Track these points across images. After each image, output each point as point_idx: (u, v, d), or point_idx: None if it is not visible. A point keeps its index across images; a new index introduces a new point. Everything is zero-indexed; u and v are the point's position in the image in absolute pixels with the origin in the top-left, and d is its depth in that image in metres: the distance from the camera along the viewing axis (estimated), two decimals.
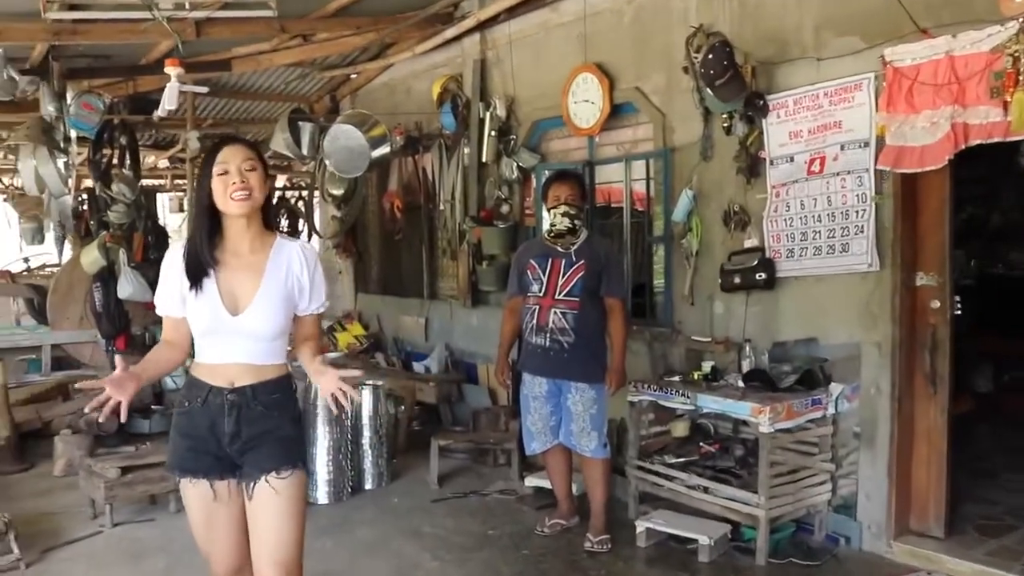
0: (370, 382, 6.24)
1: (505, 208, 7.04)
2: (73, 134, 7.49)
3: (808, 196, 4.81)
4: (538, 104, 6.76)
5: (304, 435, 3.20)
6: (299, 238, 3.59)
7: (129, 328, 8.00)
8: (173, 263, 2.89)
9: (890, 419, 4.56)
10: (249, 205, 2.80)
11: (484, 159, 7.04)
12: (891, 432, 4.56)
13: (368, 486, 5.94)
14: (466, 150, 7.27)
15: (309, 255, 2.97)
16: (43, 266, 11.82)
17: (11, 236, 13.12)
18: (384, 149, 7.29)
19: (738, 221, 5.19)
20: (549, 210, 4.97)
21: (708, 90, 4.92)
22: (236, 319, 2.80)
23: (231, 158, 2.80)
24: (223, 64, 7.77)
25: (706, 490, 4.77)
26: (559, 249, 4.89)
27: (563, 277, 4.83)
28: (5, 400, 6.61)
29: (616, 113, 6.09)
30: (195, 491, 2.89)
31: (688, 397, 4.85)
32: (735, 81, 4.80)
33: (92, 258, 7.65)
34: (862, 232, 4.56)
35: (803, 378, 4.73)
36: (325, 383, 2.86)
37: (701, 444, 5.11)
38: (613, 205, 6.46)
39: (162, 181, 13.84)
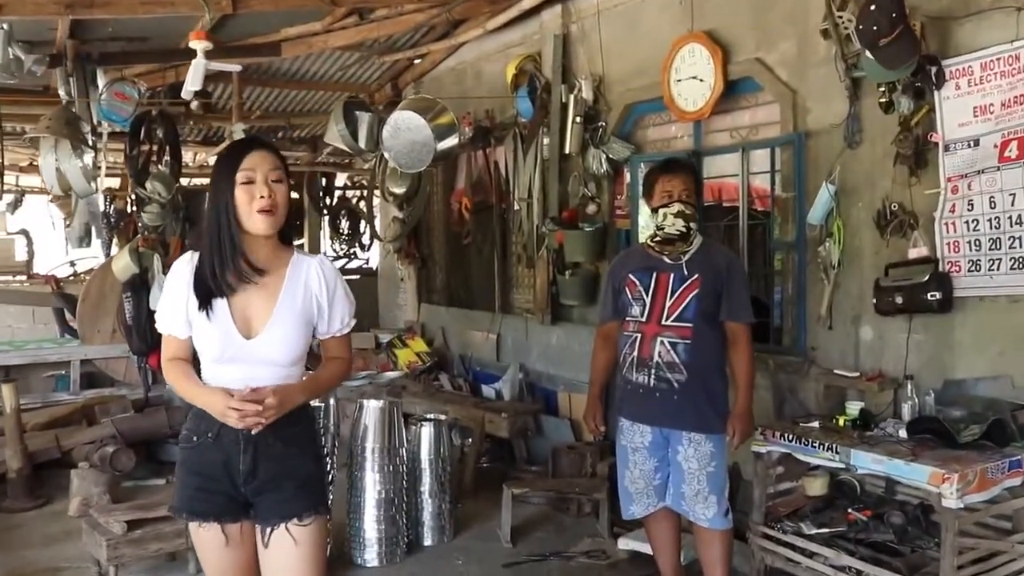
0: (431, 415, 5.28)
1: (592, 208, 6.07)
2: (105, 127, 6.71)
3: (1002, 191, 3.67)
4: (632, 84, 5.76)
5: (326, 474, 2.89)
6: (322, 253, 3.12)
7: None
8: (181, 276, 2.65)
9: None
10: (274, 223, 2.60)
11: (567, 151, 6.11)
12: None
13: (427, 542, 4.96)
14: (546, 141, 6.37)
15: (328, 271, 2.74)
16: (91, 271, 11.11)
17: (59, 239, 12.58)
18: (452, 140, 6.38)
19: (898, 224, 4.10)
20: (656, 210, 3.90)
21: (868, 53, 3.79)
22: (249, 343, 2.59)
23: (258, 166, 2.57)
24: (272, 48, 6.95)
25: (859, 573, 3.68)
26: (666, 260, 3.85)
27: (672, 297, 3.81)
28: (17, 427, 5.78)
29: (731, 92, 5.06)
30: (206, 535, 2.66)
31: (838, 452, 3.74)
32: (906, 40, 3.67)
33: (123, 264, 6.79)
34: None
35: (990, 430, 3.59)
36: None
37: (849, 510, 4.00)
38: (724, 204, 5.36)
39: None
